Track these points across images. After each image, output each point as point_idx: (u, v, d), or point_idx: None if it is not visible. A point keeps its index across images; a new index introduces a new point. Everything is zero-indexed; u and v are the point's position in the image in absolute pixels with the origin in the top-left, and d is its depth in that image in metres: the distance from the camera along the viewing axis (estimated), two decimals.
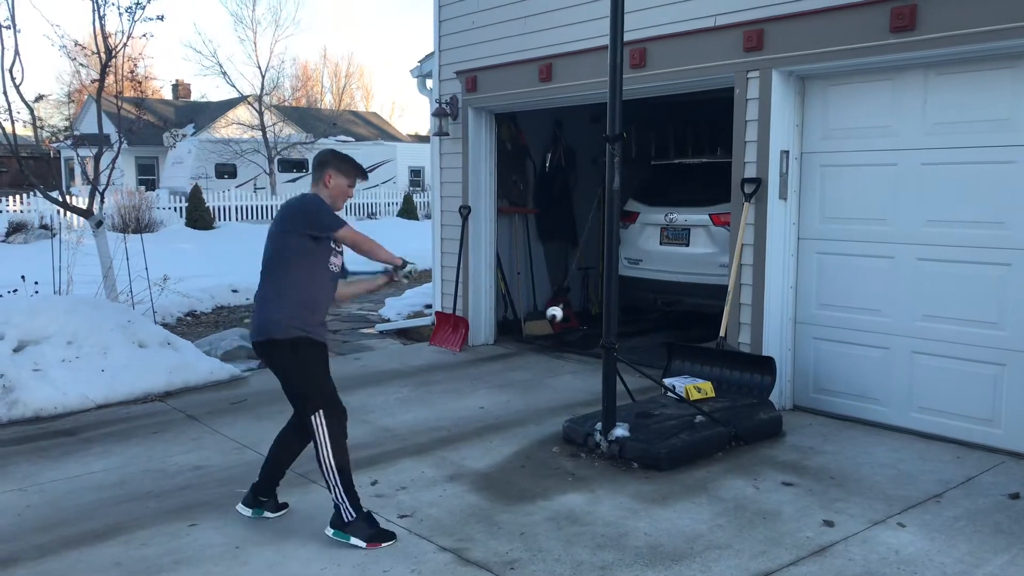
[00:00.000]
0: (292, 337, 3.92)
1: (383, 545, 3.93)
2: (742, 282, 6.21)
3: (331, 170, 4.06)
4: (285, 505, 4.37)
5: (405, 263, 4.15)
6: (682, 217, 8.13)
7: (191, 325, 10.26)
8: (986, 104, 5.19)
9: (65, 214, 17.27)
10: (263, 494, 4.27)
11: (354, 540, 3.92)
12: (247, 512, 4.26)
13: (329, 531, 3.98)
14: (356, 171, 4.14)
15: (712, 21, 6.24)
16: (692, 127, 9.63)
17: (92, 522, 4.30)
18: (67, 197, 9.80)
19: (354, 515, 3.94)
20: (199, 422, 6.05)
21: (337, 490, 3.93)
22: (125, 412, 6.33)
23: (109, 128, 9.26)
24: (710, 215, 7.85)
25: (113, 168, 8.77)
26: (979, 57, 5.14)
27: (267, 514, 4.28)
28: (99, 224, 8.63)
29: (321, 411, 3.94)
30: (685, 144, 9.53)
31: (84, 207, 8.85)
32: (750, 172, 6.12)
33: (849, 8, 5.46)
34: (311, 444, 4.03)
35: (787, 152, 6.00)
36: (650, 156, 9.67)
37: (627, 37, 5.30)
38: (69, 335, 6.79)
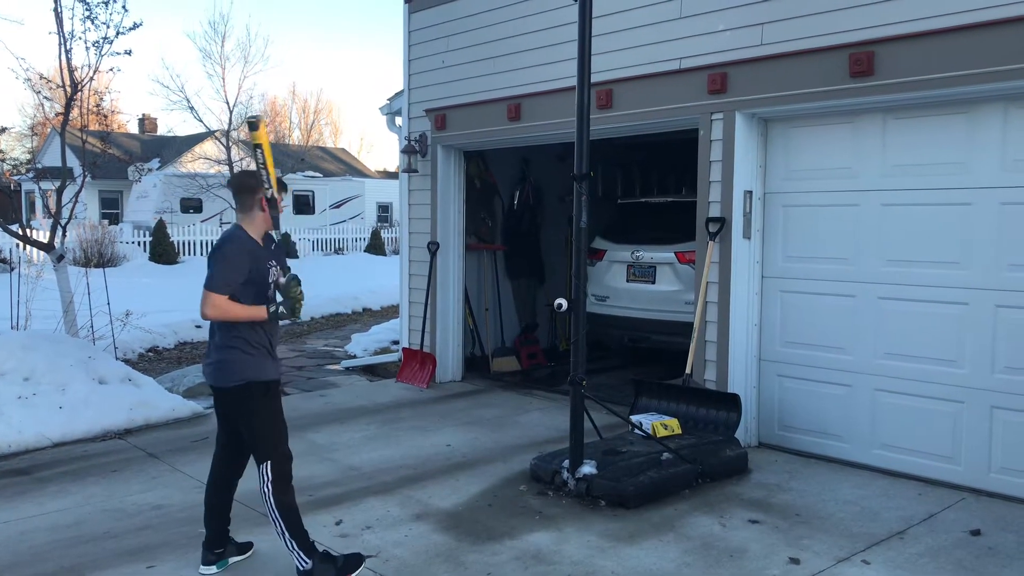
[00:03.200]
0: (250, 382, 3.81)
1: (358, 571, 3.90)
2: (707, 319, 6.28)
3: (263, 193, 3.86)
4: (250, 545, 4.26)
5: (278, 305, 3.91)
6: (648, 255, 8.21)
7: (153, 361, 10.09)
8: (942, 148, 5.34)
9: (25, 248, 16.99)
10: (219, 545, 4.10)
11: None
12: (211, 571, 4.05)
13: None
14: (282, 184, 3.95)
15: (677, 64, 6.37)
16: (658, 166, 9.78)
17: (46, 564, 4.17)
18: (27, 231, 9.65)
19: (308, 562, 3.80)
20: (160, 460, 5.92)
21: (285, 536, 3.80)
22: (83, 450, 6.18)
23: (73, 161, 9.18)
24: (676, 253, 7.94)
25: (76, 202, 8.67)
26: (934, 103, 5.30)
27: (232, 560, 4.15)
28: (60, 258, 8.49)
29: (269, 463, 3.81)
30: (651, 183, 9.66)
31: (45, 241, 8.71)
32: (714, 211, 6.22)
33: (810, 53, 5.61)
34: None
35: (750, 192, 6.11)
36: (617, 195, 9.79)
37: (594, 78, 5.40)
38: (26, 371, 6.65)
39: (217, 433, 4.13)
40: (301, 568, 3.80)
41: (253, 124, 3.83)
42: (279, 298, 3.94)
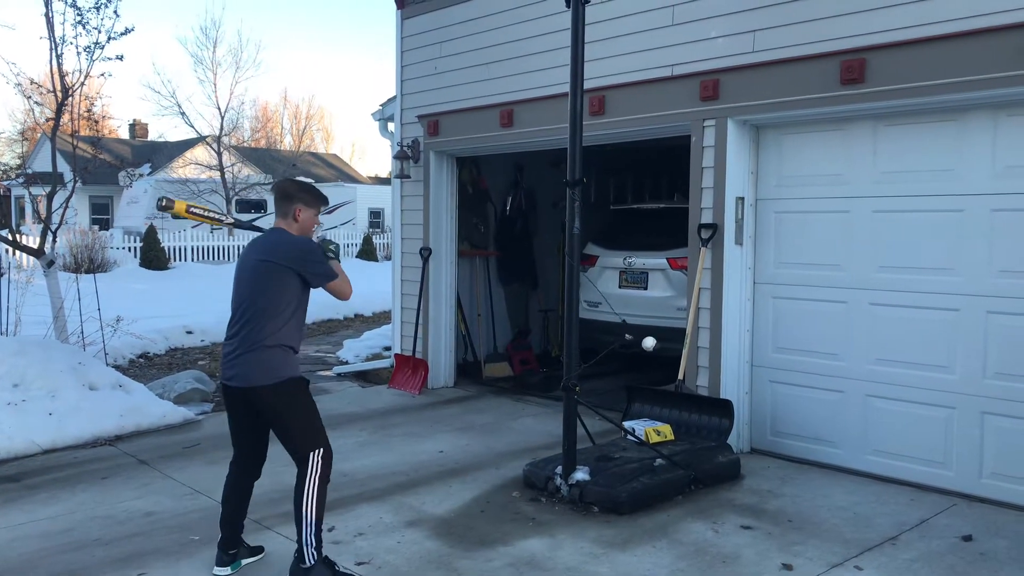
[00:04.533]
0: (289, 378, 3.90)
1: None
2: (700, 325, 6.29)
3: (299, 204, 4.01)
4: (261, 548, 4.27)
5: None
6: (640, 261, 8.23)
7: (144, 367, 10.05)
8: (932, 155, 5.37)
9: (15, 253, 16.90)
10: (233, 547, 4.13)
11: None
12: (225, 571, 4.06)
13: None
14: (321, 200, 4.13)
15: (669, 71, 6.39)
16: (650, 173, 9.80)
17: (37, 571, 4.14)
18: (17, 236, 9.60)
19: (315, 558, 3.85)
20: (150, 467, 5.89)
21: (310, 531, 3.85)
22: (73, 457, 6.14)
23: (63, 167, 9.13)
24: (668, 259, 7.96)
25: (67, 207, 8.63)
26: (925, 110, 5.33)
27: (244, 562, 4.16)
28: (50, 264, 8.45)
29: (321, 450, 3.92)
30: (643, 189, 9.69)
31: (35, 246, 8.67)
32: (707, 218, 6.24)
33: (801, 60, 5.64)
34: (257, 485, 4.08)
35: (742, 199, 6.13)
36: (609, 201, 9.81)
37: (587, 85, 5.41)
38: (16, 377, 6.61)
39: (237, 440, 4.10)
40: (305, 563, 3.83)
41: (167, 206, 4.08)
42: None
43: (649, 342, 5.61)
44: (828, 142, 5.84)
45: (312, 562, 3.83)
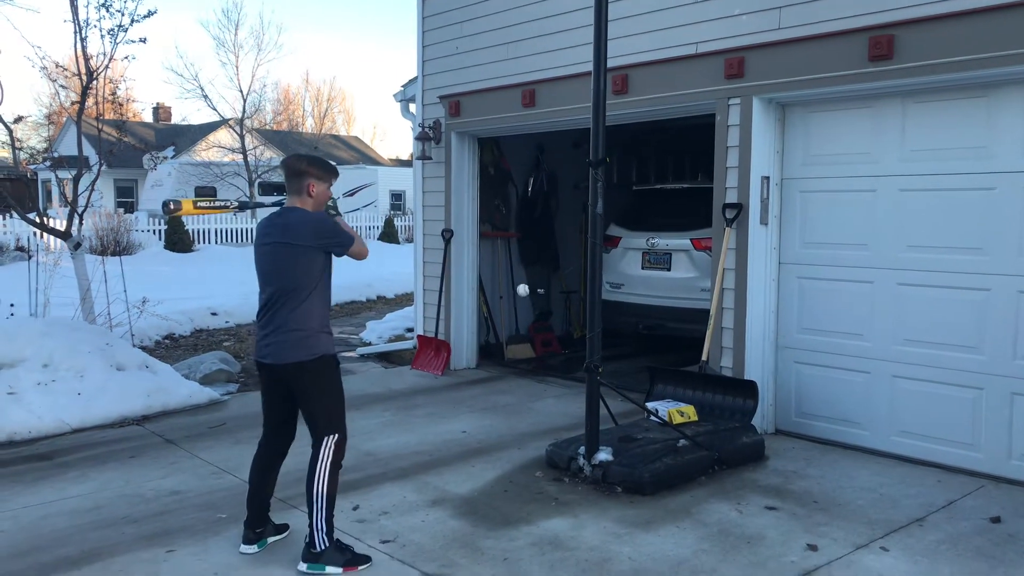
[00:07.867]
0: (320, 355, 3.92)
1: (359, 568, 3.90)
2: (724, 306, 6.24)
3: (312, 179, 3.95)
4: (286, 527, 4.31)
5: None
6: (664, 242, 8.18)
7: (170, 348, 10.15)
8: (962, 132, 5.27)
9: (42, 236, 17.08)
10: (259, 525, 4.17)
11: (329, 569, 3.86)
12: (252, 549, 4.11)
13: (303, 566, 3.90)
14: (333, 172, 4.07)
15: (694, 48, 6.31)
16: (674, 152, 9.71)
17: (67, 548, 4.21)
18: (45, 219, 9.70)
19: (327, 543, 3.87)
20: (177, 446, 5.96)
21: (320, 515, 3.87)
22: (101, 436, 6.23)
23: (89, 150, 9.20)
24: (691, 240, 7.91)
25: (92, 190, 8.70)
26: (954, 86, 5.23)
27: (271, 539, 4.21)
28: (77, 246, 8.53)
29: (336, 436, 3.93)
30: (667, 169, 9.61)
31: (62, 229, 8.75)
32: (731, 197, 6.18)
33: (828, 37, 5.55)
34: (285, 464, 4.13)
35: (768, 178, 6.06)
36: (632, 181, 9.74)
37: (610, 63, 5.36)
38: (45, 358, 6.70)
39: (267, 417, 4.14)
40: (316, 548, 3.85)
41: (175, 209, 4.15)
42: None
43: (522, 289, 5.82)
44: (855, 120, 5.76)
45: (323, 547, 3.85)
